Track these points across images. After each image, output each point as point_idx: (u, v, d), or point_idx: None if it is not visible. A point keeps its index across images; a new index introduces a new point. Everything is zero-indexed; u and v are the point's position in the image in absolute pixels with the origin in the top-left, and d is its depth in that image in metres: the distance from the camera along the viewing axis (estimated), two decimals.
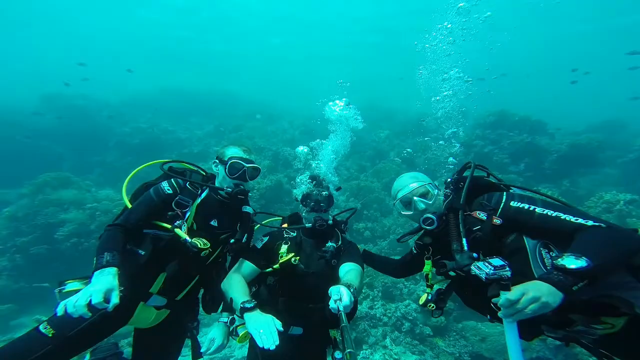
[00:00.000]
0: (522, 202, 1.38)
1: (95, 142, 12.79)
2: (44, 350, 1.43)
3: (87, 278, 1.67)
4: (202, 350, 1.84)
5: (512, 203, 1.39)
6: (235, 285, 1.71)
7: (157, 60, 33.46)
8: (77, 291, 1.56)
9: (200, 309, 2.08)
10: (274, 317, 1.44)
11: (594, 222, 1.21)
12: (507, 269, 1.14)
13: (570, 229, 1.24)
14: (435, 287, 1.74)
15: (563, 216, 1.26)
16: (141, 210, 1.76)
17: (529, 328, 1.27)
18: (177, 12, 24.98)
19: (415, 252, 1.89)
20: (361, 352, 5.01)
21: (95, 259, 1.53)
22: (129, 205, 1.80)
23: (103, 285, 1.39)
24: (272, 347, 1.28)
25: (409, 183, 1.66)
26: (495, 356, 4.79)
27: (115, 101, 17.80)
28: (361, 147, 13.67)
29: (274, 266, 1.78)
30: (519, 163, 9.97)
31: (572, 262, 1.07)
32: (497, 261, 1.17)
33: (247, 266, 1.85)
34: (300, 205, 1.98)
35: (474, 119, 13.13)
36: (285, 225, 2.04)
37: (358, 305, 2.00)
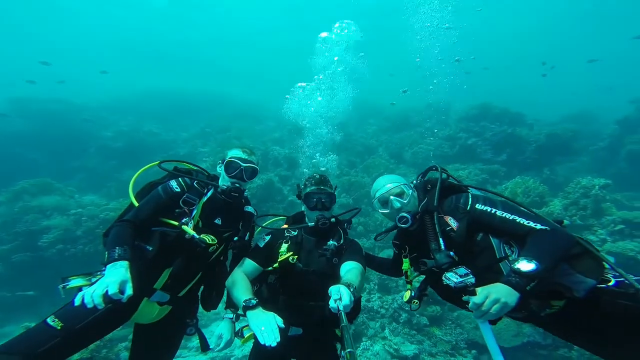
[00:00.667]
0: (485, 205, 1.55)
1: (74, 147, 12.23)
2: (53, 343, 1.44)
3: (90, 274, 1.69)
4: (211, 347, 1.89)
5: (477, 205, 1.55)
6: (239, 283, 1.73)
7: (138, 62, 32.31)
8: (80, 287, 1.61)
9: (200, 306, 2.11)
10: (276, 315, 1.46)
11: (542, 225, 1.43)
12: (471, 276, 1.39)
13: (524, 231, 1.44)
14: (414, 283, 1.85)
15: (518, 219, 1.46)
16: (150, 207, 1.81)
17: None
18: (158, 12, 24.23)
19: (396, 251, 2.00)
20: (361, 344, 5.09)
21: (106, 252, 1.56)
22: (136, 203, 1.83)
23: (117, 277, 1.43)
24: (274, 344, 1.30)
25: (386, 184, 1.79)
26: None
27: (94, 104, 17.05)
28: (350, 144, 13.80)
29: (274, 265, 1.79)
30: (502, 153, 10.39)
31: (524, 266, 1.28)
32: (462, 270, 1.41)
33: (250, 264, 1.88)
34: (303, 205, 1.97)
35: (457, 112, 13.54)
36: (285, 226, 2.03)
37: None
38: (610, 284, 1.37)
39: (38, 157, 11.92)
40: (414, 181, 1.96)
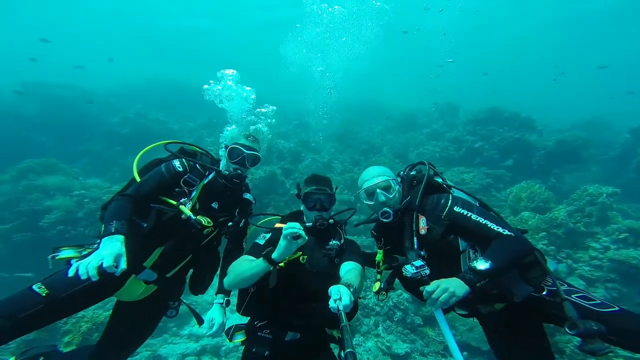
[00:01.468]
0: (463, 208, 1.64)
1: (82, 131, 12.38)
2: (36, 309, 1.45)
3: (81, 246, 1.71)
4: (204, 333, 1.90)
5: (455, 208, 1.64)
6: (246, 259, 1.73)
7: (147, 52, 32.57)
8: (70, 258, 1.62)
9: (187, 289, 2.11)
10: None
11: (509, 231, 1.55)
12: (426, 267, 1.54)
13: (492, 235, 1.55)
14: (384, 274, 1.90)
15: (490, 224, 1.56)
16: (151, 184, 1.82)
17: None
18: (168, 1, 24.33)
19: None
20: (354, 339, 5.08)
21: (103, 225, 1.57)
22: (138, 178, 1.84)
23: (113, 250, 1.44)
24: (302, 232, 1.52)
25: (375, 175, 1.82)
26: (481, 345, 4.92)
27: (103, 91, 17.23)
28: (355, 142, 13.75)
29: (280, 264, 1.68)
30: (508, 158, 10.23)
31: (480, 265, 1.40)
32: (418, 262, 1.56)
33: (251, 260, 1.82)
34: (302, 205, 1.94)
35: (466, 115, 13.38)
36: (280, 225, 1.97)
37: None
38: (543, 292, 1.55)
39: (46, 140, 12.10)
40: (402, 172, 1.99)
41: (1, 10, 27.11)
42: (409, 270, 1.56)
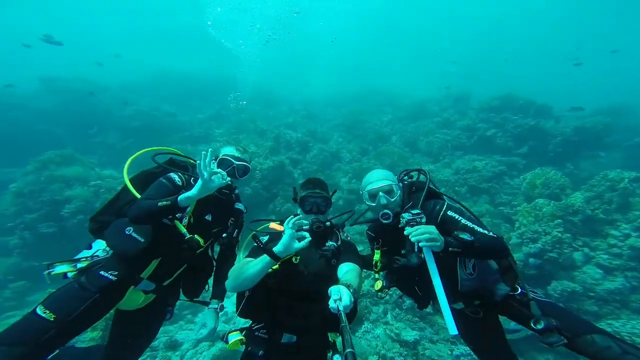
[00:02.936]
0: (455, 213, 1.81)
1: (96, 124, 12.72)
2: (49, 335, 1.49)
3: (75, 261, 1.79)
4: (194, 338, 1.95)
5: (448, 212, 1.81)
6: (247, 261, 1.71)
7: (155, 45, 32.78)
8: (65, 273, 1.72)
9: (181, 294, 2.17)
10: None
11: (493, 234, 1.74)
12: (422, 215, 1.70)
13: (479, 235, 1.75)
14: (381, 273, 2.01)
15: (477, 228, 1.74)
16: (160, 196, 1.79)
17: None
18: None
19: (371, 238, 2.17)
20: (362, 327, 5.12)
21: (167, 201, 1.69)
22: (129, 185, 1.86)
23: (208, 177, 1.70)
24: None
25: (379, 179, 1.93)
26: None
27: (115, 84, 17.57)
28: (363, 131, 13.59)
29: (273, 267, 1.68)
30: (523, 146, 9.89)
31: (464, 236, 1.63)
32: (416, 210, 1.73)
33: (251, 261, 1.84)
34: (299, 208, 1.95)
35: (478, 102, 12.99)
36: (276, 226, 1.97)
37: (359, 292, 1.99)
38: (517, 292, 1.78)
39: (64, 133, 12.51)
40: (397, 176, 2.10)
41: (14, 6, 27.71)
42: (405, 217, 1.71)
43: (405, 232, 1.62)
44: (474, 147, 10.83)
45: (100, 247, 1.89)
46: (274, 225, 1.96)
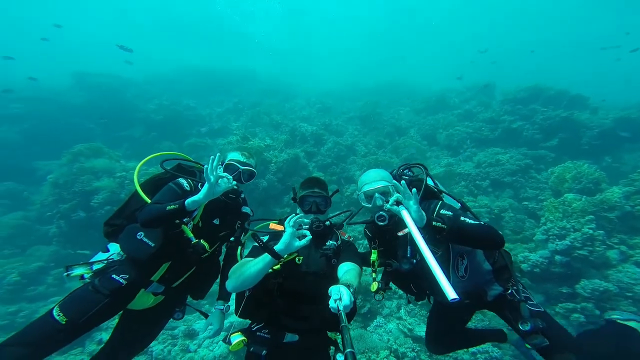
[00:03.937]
0: (448, 211, 1.79)
1: (123, 118, 13.31)
2: (59, 337, 1.61)
3: (91, 263, 1.87)
4: (201, 336, 1.99)
5: (442, 211, 1.79)
6: (247, 260, 1.71)
7: (179, 40, 33.62)
8: (82, 275, 1.81)
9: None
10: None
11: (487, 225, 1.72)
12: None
13: None
14: (379, 272, 2.00)
15: (469, 220, 1.72)
16: (169, 201, 1.83)
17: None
18: None
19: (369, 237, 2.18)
20: (374, 321, 5.11)
21: (175, 205, 1.74)
22: (139, 190, 1.92)
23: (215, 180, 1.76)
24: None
25: (375, 180, 1.91)
26: (503, 327, 4.72)
27: (140, 79, 18.27)
28: (380, 124, 13.31)
29: (275, 267, 1.69)
30: (552, 138, 9.30)
31: (447, 213, 1.69)
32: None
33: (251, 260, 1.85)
34: (299, 208, 1.95)
35: (503, 94, 12.33)
36: (275, 226, 1.96)
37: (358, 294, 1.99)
38: (507, 292, 1.80)
39: (93, 126, 13.22)
40: (394, 171, 2.08)
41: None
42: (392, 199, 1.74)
43: (387, 206, 1.69)
44: (498, 140, 10.33)
45: (115, 250, 1.96)
46: (273, 225, 1.95)
